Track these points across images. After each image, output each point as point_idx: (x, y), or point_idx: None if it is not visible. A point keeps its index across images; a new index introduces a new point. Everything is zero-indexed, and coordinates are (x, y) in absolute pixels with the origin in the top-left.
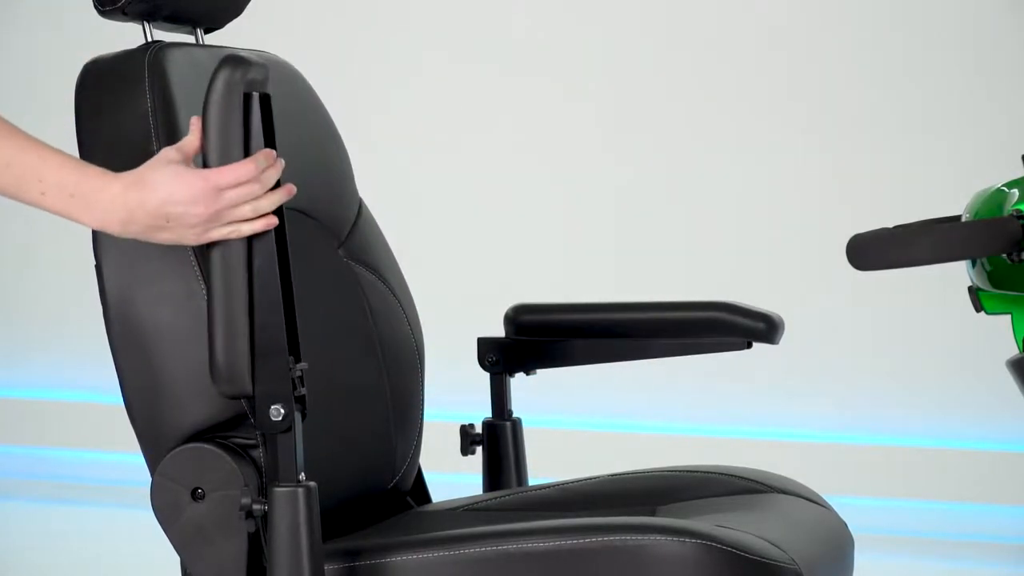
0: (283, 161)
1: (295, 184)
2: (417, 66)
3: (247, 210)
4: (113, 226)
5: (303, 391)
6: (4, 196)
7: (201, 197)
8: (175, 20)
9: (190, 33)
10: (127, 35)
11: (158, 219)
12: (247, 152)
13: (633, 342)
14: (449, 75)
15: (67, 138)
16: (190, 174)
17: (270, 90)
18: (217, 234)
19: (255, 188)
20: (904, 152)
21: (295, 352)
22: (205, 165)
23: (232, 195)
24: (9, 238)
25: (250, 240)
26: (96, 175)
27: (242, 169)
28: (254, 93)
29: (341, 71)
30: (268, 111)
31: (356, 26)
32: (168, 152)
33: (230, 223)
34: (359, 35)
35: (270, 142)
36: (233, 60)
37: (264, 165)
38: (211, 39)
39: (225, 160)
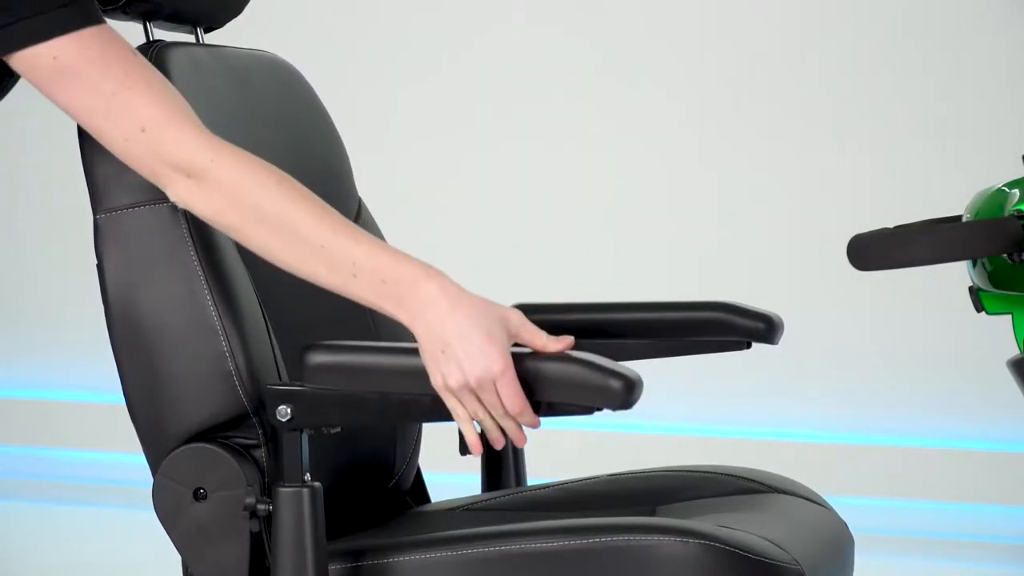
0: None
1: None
2: (417, 66)
3: (481, 412)
4: (406, 317)
5: None
6: (312, 279)
7: (481, 366)
8: (176, 19)
9: (190, 32)
10: (128, 34)
11: (440, 341)
12: (539, 409)
13: (633, 342)
14: (449, 74)
15: (69, 138)
16: (501, 346)
17: (268, 89)
18: (450, 401)
19: (500, 412)
20: (904, 152)
21: None
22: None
23: (489, 398)
24: (9, 238)
25: None
26: (413, 265)
27: (521, 406)
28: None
29: (341, 71)
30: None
31: (357, 26)
32: (514, 315)
33: (461, 405)
34: (360, 35)
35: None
36: (628, 381)
37: (529, 422)
38: (211, 38)
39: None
